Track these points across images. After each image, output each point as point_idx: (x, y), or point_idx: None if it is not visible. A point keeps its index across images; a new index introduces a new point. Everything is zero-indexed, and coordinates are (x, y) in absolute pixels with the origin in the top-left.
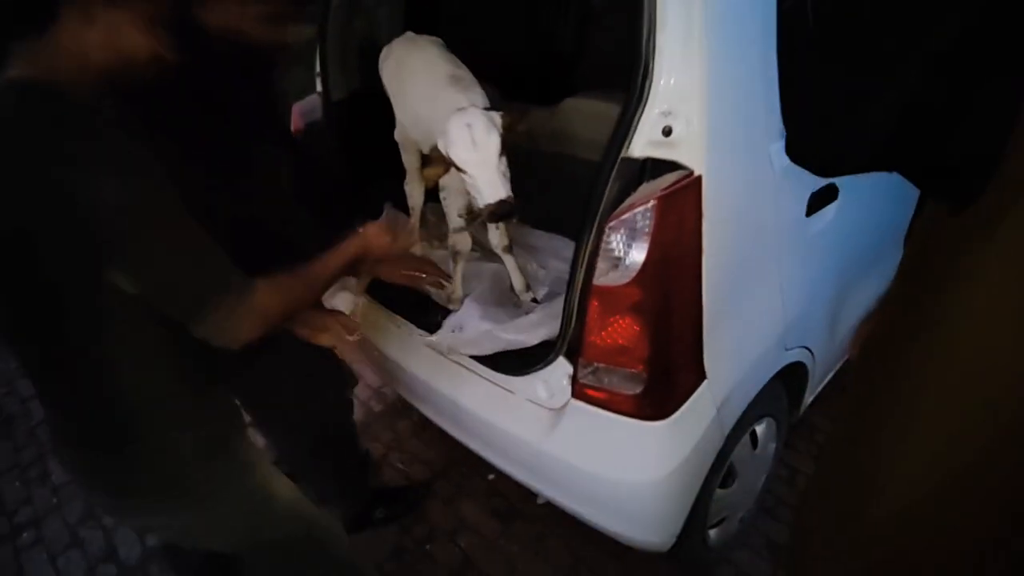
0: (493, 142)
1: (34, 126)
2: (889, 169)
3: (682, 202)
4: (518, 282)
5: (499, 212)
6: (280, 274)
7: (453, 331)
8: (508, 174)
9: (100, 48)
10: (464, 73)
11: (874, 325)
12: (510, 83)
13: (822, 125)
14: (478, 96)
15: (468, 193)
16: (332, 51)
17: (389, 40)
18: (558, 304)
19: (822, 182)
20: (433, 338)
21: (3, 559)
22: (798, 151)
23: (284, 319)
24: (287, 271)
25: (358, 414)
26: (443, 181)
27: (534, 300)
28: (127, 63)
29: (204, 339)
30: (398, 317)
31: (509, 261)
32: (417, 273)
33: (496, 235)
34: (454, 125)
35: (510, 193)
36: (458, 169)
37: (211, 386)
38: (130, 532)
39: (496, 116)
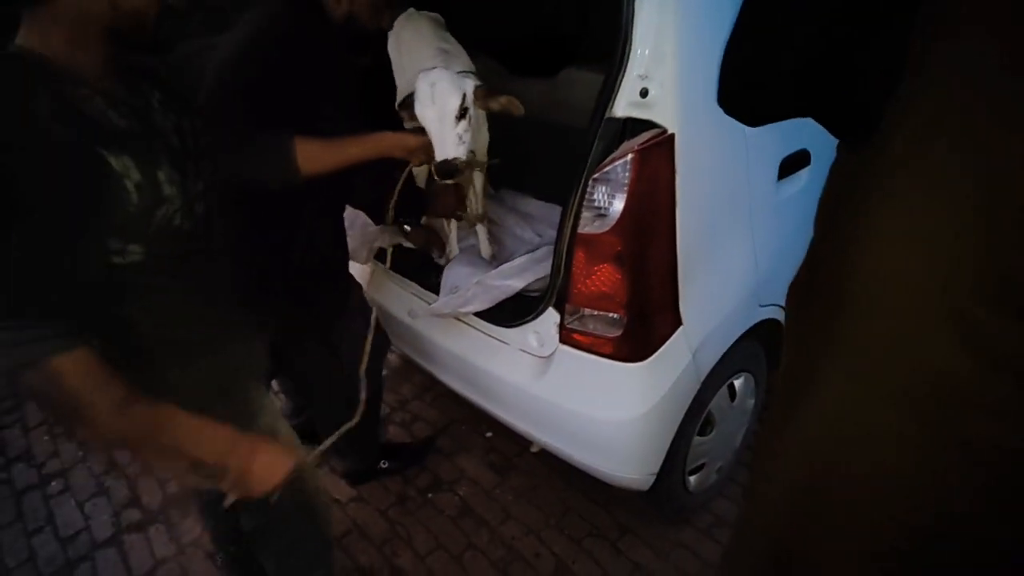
0: (452, 103)
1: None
2: (802, 112)
3: (657, 156)
4: (485, 250)
5: (441, 171)
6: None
7: (451, 292)
8: (466, 139)
9: (105, 6)
10: (452, 47)
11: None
12: (514, 59)
13: (744, 71)
14: (459, 67)
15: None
16: None
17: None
18: (541, 252)
19: (791, 149)
20: (436, 305)
21: (34, 505)
22: (726, 99)
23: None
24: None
25: None
26: None
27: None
28: (135, 19)
29: None
30: (403, 279)
31: (481, 231)
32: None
33: (473, 203)
34: (420, 82)
35: (459, 155)
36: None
37: (227, 335)
38: (153, 481)
39: (468, 83)
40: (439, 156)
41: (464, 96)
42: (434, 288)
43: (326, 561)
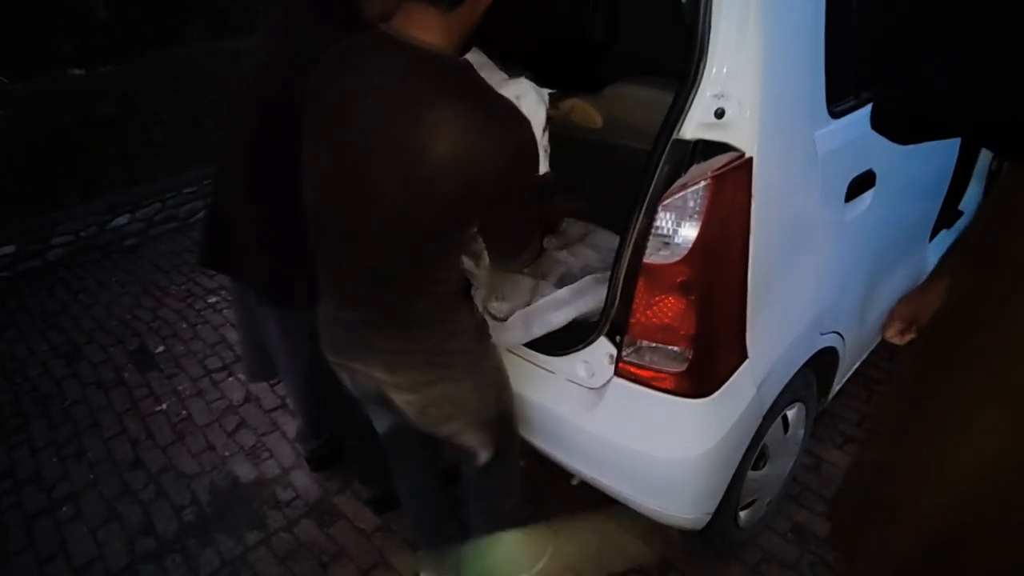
0: (540, 115)
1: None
2: (977, 131)
3: (734, 182)
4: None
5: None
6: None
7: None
8: (548, 150)
9: (476, 20)
10: (483, 60)
11: (935, 311)
12: (546, 71)
13: (918, 84)
14: (498, 77)
15: None
16: None
17: None
18: (584, 283)
19: (861, 168)
20: None
21: (45, 531)
22: (885, 116)
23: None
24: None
25: None
26: None
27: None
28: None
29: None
30: None
31: None
32: None
33: None
34: (505, 94)
35: (547, 169)
36: None
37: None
38: (166, 508)
39: (544, 92)
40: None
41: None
42: None
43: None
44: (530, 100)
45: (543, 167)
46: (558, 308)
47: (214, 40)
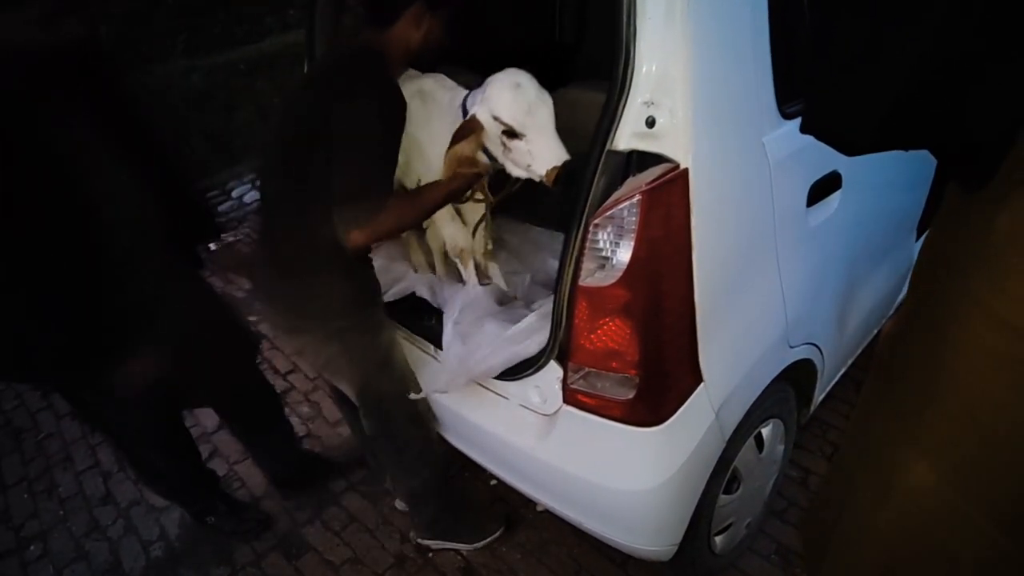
0: (548, 100)
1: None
2: (906, 142)
3: (668, 196)
4: (502, 284)
5: (562, 176)
6: (395, 198)
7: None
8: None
9: (416, 41)
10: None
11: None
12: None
13: (838, 90)
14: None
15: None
16: (320, 50)
17: None
18: (549, 306)
19: (823, 171)
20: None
21: (11, 572)
22: (813, 123)
23: (392, 236)
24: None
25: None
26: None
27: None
28: (425, 49)
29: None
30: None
31: (494, 269)
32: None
33: (480, 241)
34: (504, 86)
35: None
36: (511, 135)
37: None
38: (135, 544)
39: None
40: (556, 161)
41: None
42: (425, 333)
43: (430, 462)
44: (532, 87)
45: (565, 152)
46: (529, 337)
47: (191, 58)
